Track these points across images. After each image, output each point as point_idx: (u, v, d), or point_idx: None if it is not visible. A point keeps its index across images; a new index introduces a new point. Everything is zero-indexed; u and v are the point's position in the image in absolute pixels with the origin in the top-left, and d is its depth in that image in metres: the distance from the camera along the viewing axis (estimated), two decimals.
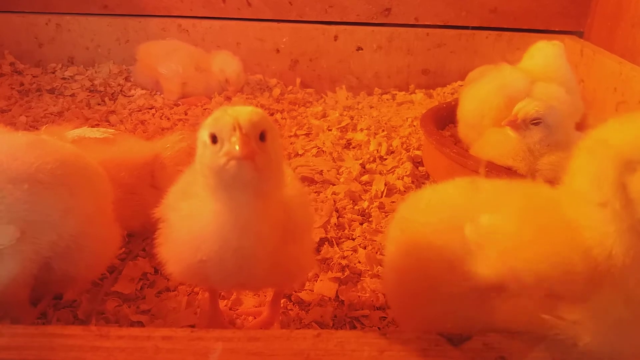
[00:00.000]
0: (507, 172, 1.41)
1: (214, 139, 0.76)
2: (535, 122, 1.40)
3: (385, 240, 0.99)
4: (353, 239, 1.42)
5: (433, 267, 0.78)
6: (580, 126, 1.73)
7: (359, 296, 1.20)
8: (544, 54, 1.80)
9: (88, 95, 2.34)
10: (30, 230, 0.90)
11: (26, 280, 0.94)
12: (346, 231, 1.45)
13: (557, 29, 2.61)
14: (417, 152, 1.88)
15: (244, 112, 0.75)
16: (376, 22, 2.63)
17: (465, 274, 0.73)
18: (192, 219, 0.84)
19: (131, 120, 2.11)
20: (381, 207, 1.57)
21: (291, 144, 1.97)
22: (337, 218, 1.49)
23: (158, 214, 0.94)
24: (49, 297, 1.13)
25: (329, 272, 1.27)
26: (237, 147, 0.72)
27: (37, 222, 0.91)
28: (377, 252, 1.34)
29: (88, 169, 1.05)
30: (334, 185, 1.67)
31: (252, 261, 0.82)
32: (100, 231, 1.05)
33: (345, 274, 1.26)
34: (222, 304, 1.17)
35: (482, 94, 1.69)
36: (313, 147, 1.93)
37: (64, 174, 0.96)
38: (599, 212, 0.64)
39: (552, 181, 0.75)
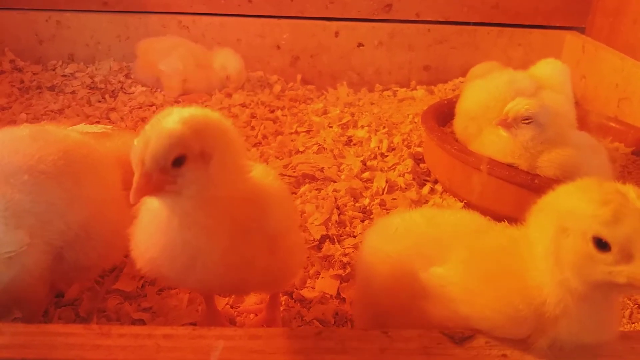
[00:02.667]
0: (509, 168, 1.41)
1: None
2: (526, 120, 1.40)
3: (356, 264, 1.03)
4: (354, 236, 1.42)
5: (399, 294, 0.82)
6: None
7: None
8: (552, 66, 1.84)
9: (88, 93, 2.34)
10: (38, 221, 0.90)
11: (43, 274, 0.93)
12: (347, 228, 1.45)
13: (558, 25, 2.61)
14: (418, 149, 1.88)
15: (155, 138, 0.72)
16: (377, 18, 2.62)
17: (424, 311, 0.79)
18: (146, 216, 0.83)
19: (132, 117, 2.11)
20: (382, 204, 1.57)
21: (292, 141, 1.96)
22: (338, 215, 1.49)
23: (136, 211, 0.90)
24: (50, 295, 1.12)
25: (330, 269, 1.27)
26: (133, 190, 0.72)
27: (43, 213, 0.91)
28: None
29: (93, 157, 1.04)
30: (334, 182, 1.66)
31: (204, 257, 0.79)
32: (111, 218, 1.04)
33: (347, 271, 1.26)
34: (223, 302, 1.17)
35: (490, 86, 1.70)
36: (314, 144, 1.92)
37: (66, 163, 0.96)
38: (541, 263, 0.71)
39: (553, 178, 0.77)
